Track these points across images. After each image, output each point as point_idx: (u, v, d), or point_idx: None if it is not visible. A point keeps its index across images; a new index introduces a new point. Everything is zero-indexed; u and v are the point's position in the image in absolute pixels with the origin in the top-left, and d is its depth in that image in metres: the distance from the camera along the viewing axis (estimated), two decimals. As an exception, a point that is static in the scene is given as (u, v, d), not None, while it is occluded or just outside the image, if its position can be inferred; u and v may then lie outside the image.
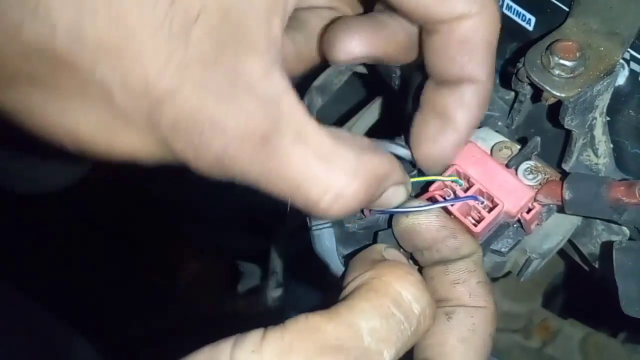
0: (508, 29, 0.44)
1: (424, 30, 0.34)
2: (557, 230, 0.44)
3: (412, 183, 0.36)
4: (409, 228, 0.35)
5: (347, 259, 0.36)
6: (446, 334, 0.34)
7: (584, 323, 0.87)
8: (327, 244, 0.36)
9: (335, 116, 0.65)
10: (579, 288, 0.88)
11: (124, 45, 0.24)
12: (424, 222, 0.35)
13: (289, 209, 0.31)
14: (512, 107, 0.45)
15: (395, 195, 0.34)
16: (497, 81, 0.47)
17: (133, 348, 1.07)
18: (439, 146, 0.36)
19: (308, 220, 0.36)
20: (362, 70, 0.63)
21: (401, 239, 0.36)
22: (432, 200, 0.38)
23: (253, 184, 0.28)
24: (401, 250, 0.36)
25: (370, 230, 0.39)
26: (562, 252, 0.59)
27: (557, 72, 0.36)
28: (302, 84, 0.62)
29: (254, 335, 0.26)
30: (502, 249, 0.41)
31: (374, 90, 0.63)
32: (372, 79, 0.60)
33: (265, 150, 0.27)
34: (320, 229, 0.36)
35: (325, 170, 0.28)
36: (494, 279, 0.82)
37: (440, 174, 0.38)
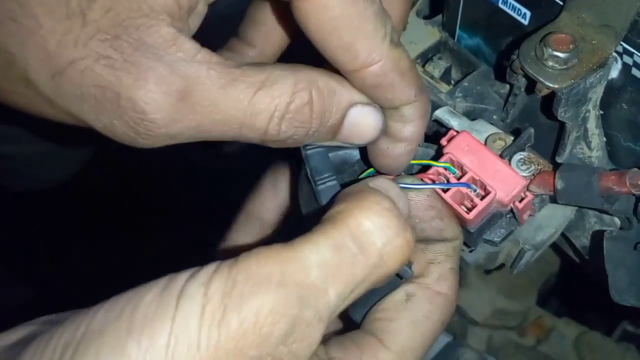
0: (503, 23, 0.45)
1: None
2: (550, 222, 0.45)
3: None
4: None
5: None
6: (399, 312, 0.34)
7: (579, 322, 0.88)
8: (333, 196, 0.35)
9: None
10: (574, 286, 0.89)
11: (24, 20, 0.27)
12: (414, 198, 0.36)
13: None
14: (506, 101, 0.45)
15: (363, 118, 0.33)
16: (492, 75, 0.48)
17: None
18: (391, 158, 0.37)
19: (311, 178, 0.35)
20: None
21: None
22: (425, 182, 0.38)
23: (199, 138, 0.30)
24: None
25: None
26: (557, 250, 0.60)
27: (550, 63, 0.37)
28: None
29: (208, 269, 0.25)
30: (495, 239, 0.42)
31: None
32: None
33: (189, 103, 0.28)
34: (324, 183, 0.35)
35: (262, 96, 0.29)
36: (487, 271, 0.83)
37: (435, 161, 0.39)
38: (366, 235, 0.28)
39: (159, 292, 0.25)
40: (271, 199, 0.43)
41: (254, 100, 0.29)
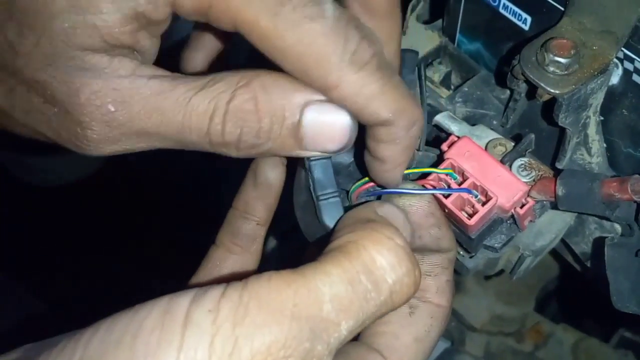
0: (504, 28, 0.45)
1: None
2: (550, 228, 0.45)
3: (407, 174, 0.37)
4: (400, 207, 0.34)
5: None
6: (404, 328, 0.34)
7: (576, 328, 0.88)
8: (335, 214, 0.34)
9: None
10: (572, 293, 0.89)
11: None
12: (416, 204, 0.35)
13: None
14: (507, 106, 0.45)
15: (323, 116, 0.30)
16: (492, 80, 0.48)
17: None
18: (379, 173, 0.35)
19: (313, 192, 0.35)
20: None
21: None
22: (426, 187, 0.38)
23: (146, 146, 0.31)
24: None
25: None
26: (555, 256, 0.60)
27: (551, 69, 0.37)
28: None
29: (214, 293, 0.24)
30: (496, 245, 0.41)
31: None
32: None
33: (127, 112, 0.29)
34: (327, 199, 0.34)
35: (201, 96, 0.29)
36: (487, 277, 0.83)
37: (436, 167, 0.39)
38: (380, 271, 0.27)
39: (160, 316, 0.23)
40: (255, 198, 0.42)
41: (192, 101, 0.28)
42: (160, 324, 0.23)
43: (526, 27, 0.43)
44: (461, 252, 0.43)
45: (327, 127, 0.30)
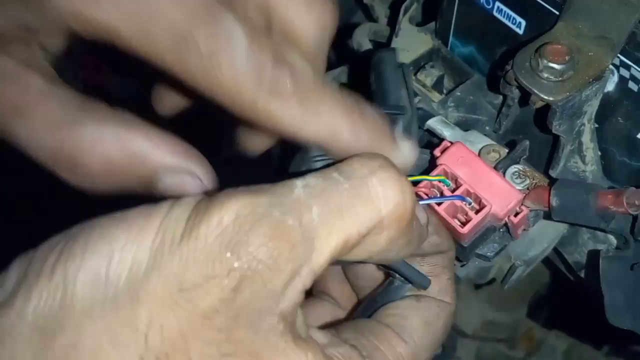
0: (498, 32, 0.44)
1: None
2: (543, 237, 0.44)
3: None
4: None
5: None
6: (412, 311, 0.33)
7: (569, 334, 0.87)
8: None
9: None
10: (564, 299, 0.88)
11: None
12: None
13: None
14: (499, 112, 0.44)
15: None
16: (485, 85, 0.47)
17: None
18: None
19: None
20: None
21: None
22: (419, 197, 0.37)
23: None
24: None
25: None
26: (547, 263, 0.59)
27: (545, 75, 0.36)
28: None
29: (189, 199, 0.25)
30: (488, 254, 0.40)
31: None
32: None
33: None
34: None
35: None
36: (477, 286, 0.82)
37: (428, 173, 0.38)
38: (356, 170, 0.26)
39: (145, 213, 0.24)
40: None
41: None
42: (145, 214, 0.24)
43: (520, 31, 0.42)
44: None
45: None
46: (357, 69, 0.57)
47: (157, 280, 0.23)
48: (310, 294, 0.41)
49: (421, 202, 0.35)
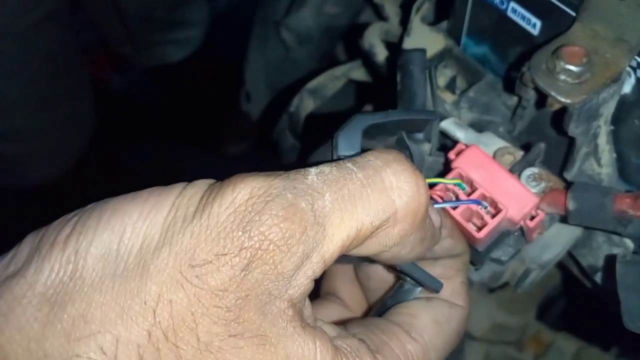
0: (512, 32, 0.43)
1: None
2: (557, 240, 0.43)
3: None
4: None
5: None
6: (422, 310, 0.33)
7: (578, 337, 0.87)
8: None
9: (326, 122, 0.63)
10: (573, 301, 0.88)
11: None
12: None
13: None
14: (514, 113, 0.44)
15: None
16: (499, 85, 0.46)
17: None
18: None
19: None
20: (360, 77, 0.61)
21: None
22: (434, 200, 0.36)
23: None
24: None
25: None
26: (557, 265, 0.58)
27: (562, 77, 0.35)
28: (296, 85, 0.61)
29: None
30: (502, 257, 0.40)
31: (369, 97, 0.61)
32: (374, 82, 0.58)
33: None
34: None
35: None
36: (491, 290, 0.81)
37: (442, 176, 0.37)
38: (370, 161, 0.26)
39: (158, 192, 0.25)
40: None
41: None
42: (155, 197, 0.25)
43: (535, 32, 0.42)
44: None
45: None
46: (367, 66, 0.57)
47: (168, 256, 0.23)
48: (318, 295, 0.40)
49: (436, 206, 0.35)
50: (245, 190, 0.24)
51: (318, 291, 0.40)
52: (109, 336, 0.22)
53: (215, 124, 1.44)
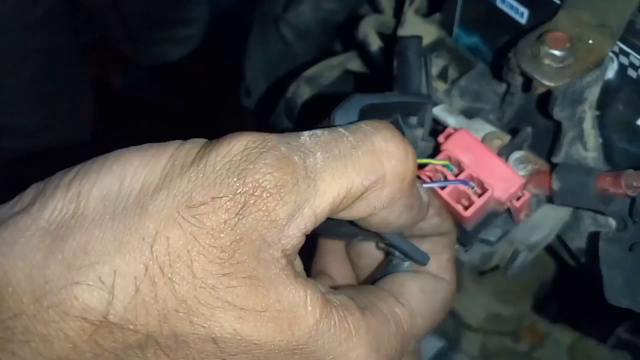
0: (502, 22, 0.44)
1: None
2: (545, 223, 0.45)
3: None
4: None
5: None
6: (409, 280, 0.34)
7: (574, 328, 0.88)
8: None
9: (322, 109, 0.65)
10: (569, 293, 0.89)
11: None
12: None
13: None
14: (503, 100, 0.45)
15: None
16: (489, 74, 0.48)
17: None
18: None
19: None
20: (355, 67, 0.62)
21: None
22: (422, 180, 0.38)
23: None
24: None
25: None
26: (553, 255, 0.60)
27: (546, 61, 0.37)
28: (294, 72, 0.62)
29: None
30: (491, 238, 0.41)
31: (364, 86, 0.63)
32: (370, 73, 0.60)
33: None
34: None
35: None
36: (481, 273, 0.82)
37: (433, 158, 0.39)
38: (359, 125, 0.28)
39: (157, 145, 0.26)
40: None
41: None
42: (157, 147, 0.26)
43: (523, 21, 0.43)
44: (456, 246, 0.43)
45: None
46: (362, 57, 0.58)
47: (166, 198, 0.24)
48: (309, 275, 0.42)
49: (425, 185, 0.36)
50: (240, 143, 0.25)
51: (309, 271, 0.41)
52: (107, 267, 0.23)
53: (217, 121, 1.46)
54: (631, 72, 0.38)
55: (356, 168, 0.26)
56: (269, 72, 0.84)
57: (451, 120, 0.44)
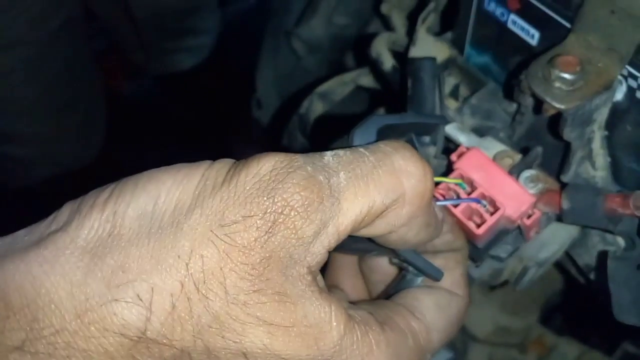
0: (512, 43, 0.46)
1: None
2: (554, 240, 0.45)
3: None
4: None
5: None
6: (424, 295, 0.35)
7: (580, 341, 0.88)
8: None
9: (335, 125, 0.66)
10: (575, 305, 0.89)
11: None
12: None
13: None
14: (513, 119, 0.46)
15: None
16: (500, 93, 0.49)
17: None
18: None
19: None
20: (367, 83, 0.64)
21: None
22: (435, 198, 0.39)
23: None
24: None
25: None
26: (560, 269, 0.60)
27: (557, 84, 0.38)
28: (306, 92, 0.63)
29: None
30: (502, 255, 0.42)
31: (375, 103, 0.64)
32: (383, 90, 0.61)
33: None
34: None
35: None
36: (491, 287, 0.83)
37: (446, 176, 0.40)
38: (381, 147, 0.29)
39: (189, 166, 0.27)
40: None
41: None
42: (188, 167, 0.27)
43: (534, 42, 0.44)
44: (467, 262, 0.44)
45: None
46: (375, 73, 0.60)
47: (200, 216, 0.25)
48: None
49: (438, 203, 0.37)
50: (269, 163, 0.26)
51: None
52: (145, 285, 0.24)
53: (226, 131, 1.47)
54: (639, 95, 0.39)
55: (377, 187, 0.27)
56: (280, 84, 0.85)
57: (462, 139, 0.45)
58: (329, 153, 0.28)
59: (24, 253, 0.25)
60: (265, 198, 0.25)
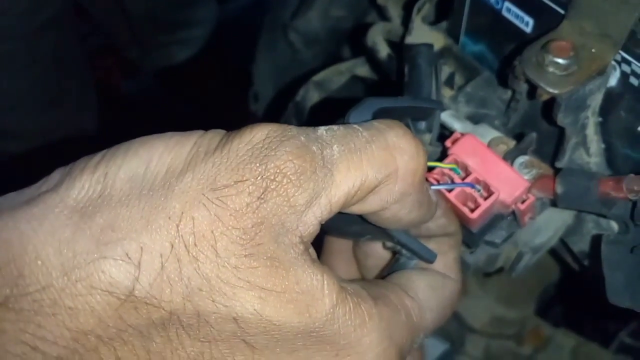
0: (507, 30, 0.46)
1: None
2: (549, 226, 0.46)
3: None
4: None
5: None
6: (417, 275, 0.35)
7: (577, 332, 0.88)
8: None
9: (330, 112, 0.66)
10: (572, 297, 0.90)
11: None
12: None
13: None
14: (508, 106, 0.46)
15: None
16: (495, 81, 0.49)
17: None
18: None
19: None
20: (363, 73, 0.64)
21: None
22: (430, 183, 0.39)
23: None
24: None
25: None
26: (556, 259, 0.61)
27: (551, 69, 0.38)
28: (302, 78, 0.64)
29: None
30: (496, 240, 0.43)
31: (372, 93, 0.64)
32: (378, 77, 0.61)
33: None
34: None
35: None
36: (487, 274, 0.84)
37: (440, 162, 0.40)
38: (373, 124, 0.29)
39: (181, 133, 0.27)
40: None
41: None
42: (181, 134, 0.27)
43: (528, 30, 0.44)
44: (462, 248, 0.44)
45: None
46: (371, 63, 0.60)
47: (191, 180, 0.25)
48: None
49: (433, 187, 0.37)
50: (262, 132, 0.26)
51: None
52: (134, 244, 0.24)
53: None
54: (633, 80, 0.39)
55: (370, 162, 0.27)
56: (277, 77, 0.86)
57: (457, 126, 0.46)
58: (322, 128, 0.28)
59: (12, 210, 0.25)
60: (257, 164, 0.25)
